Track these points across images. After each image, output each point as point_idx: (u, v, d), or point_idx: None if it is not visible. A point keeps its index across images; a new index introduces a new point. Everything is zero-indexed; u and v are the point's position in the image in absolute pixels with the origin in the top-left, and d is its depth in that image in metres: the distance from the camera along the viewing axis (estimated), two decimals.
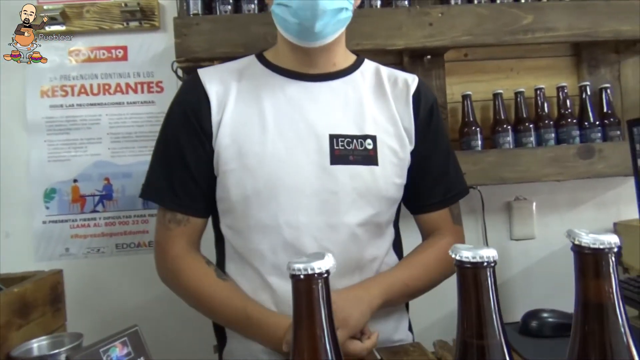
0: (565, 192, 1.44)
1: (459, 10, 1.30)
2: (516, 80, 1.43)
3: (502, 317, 0.33)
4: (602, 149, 1.31)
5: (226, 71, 0.90)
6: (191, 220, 0.86)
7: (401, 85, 0.91)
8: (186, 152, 0.84)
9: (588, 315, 0.33)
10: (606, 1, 1.33)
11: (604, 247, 0.32)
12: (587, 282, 0.33)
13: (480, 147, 1.32)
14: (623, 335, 0.32)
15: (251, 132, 0.83)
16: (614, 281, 0.32)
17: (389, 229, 0.92)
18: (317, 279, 0.33)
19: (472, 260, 0.32)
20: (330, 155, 0.82)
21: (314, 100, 0.85)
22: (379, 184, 0.84)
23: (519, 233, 1.43)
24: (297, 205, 0.81)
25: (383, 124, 0.87)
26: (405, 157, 0.88)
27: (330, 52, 0.87)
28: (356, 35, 1.27)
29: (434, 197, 0.92)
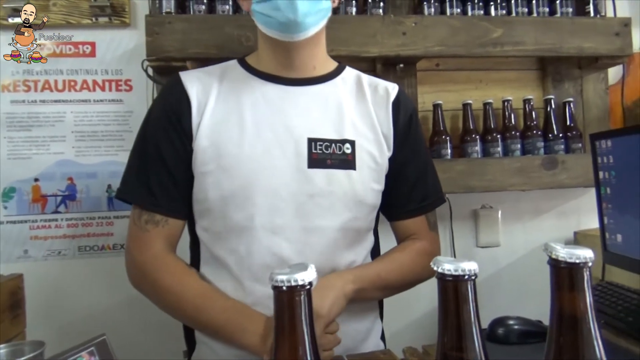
0: (529, 201, 1.48)
1: (432, 21, 1.32)
2: (485, 91, 1.46)
3: (481, 330, 0.34)
4: (565, 161, 1.36)
5: (207, 74, 0.90)
6: (170, 221, 0.84)
7: (382, 92, 0.92)
8: (166, 153, 0.83)
9: (563, 327, 0.34)
10: (570, 19, 1.39)
11: (579, 262, 0.33)
12: (563, 294, 0.34)
13: (449, 156, 1.35)
14: (596, 347, 0.33)
15: (229, 134, 0.82)
16: (588, 294, 0.33)
17: (368, 235, 0.92)
18: (299, 291, 0.33)
19: (453, 273, 0.33)
20: (308, 158, 0.83)
21: (293, 103, 0.86)
22: (356, 189, 0.85)
23: (484, 240, 1.47)
24: (274, 207, 0.81)
25: (362, 129, 0.88)
26: (383, 163, 0.89)
27: (310, 53, 0.87)
28: (331, 41, 1.27)
29: (411, 204, 0.93)
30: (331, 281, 0.80)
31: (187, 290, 0.80)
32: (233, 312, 0.78)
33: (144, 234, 0.83)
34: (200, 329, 0.85)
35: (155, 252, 0.83)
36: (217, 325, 0.79)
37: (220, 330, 0.79)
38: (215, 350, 0.83)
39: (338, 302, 0.78)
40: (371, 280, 0.85)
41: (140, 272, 0.84)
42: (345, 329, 0.80)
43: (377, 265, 0.88)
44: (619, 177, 0.98)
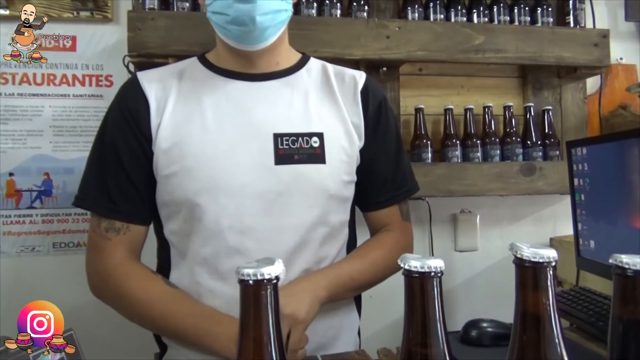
0: (506, 206, 1.50)
1: (416, 25, 1.34)
2: (466, 97, 1.48)
3: (446, 327, 0.34)
4: (543, 167, 1.38)
5: (166, 73, 0.87)
6: (131, 228, 0.82)
7: (348, 81, 0.90)
8: (124, 157, 0.81)
9: (526, 326, 0.34)
10: (551, 29, 1.42)
11: (543, 261, 0.34)
12: (527, 293, 0.34)
13: (430, 160, 1.36)
14: (557, 345, 0.34)
15: (191, 133, 0.80)
16: (551, 293, 0.34)
17: (342, 229, 0.89)
18: (266, 285, 0.33)
19: (420, 270, 0.33)
20: (275, 154, 0.81)
21: (256, 99, 0.84)
22: (326, 183, 0.83)
23: (463, 244, 1.48)
24: (241, 208, 0.79)
25: (330, 120, 0.86)
26: (354, 154, 0.87)
27: (272, 53, 0.86)
28: (315, 42, 1.28)
29: (384, 194, 0.92)
30: (305, 286, 0.79)
31: (153, 297, 0.78)
32: (201, 317, 0.76)
33: (105, 242, 0.81)
34: (169, 336, 0.83)
35: (118, 260, 0.80)
36: (185, 331, 0.77)
37: (189, 336, 0.77)
38: (185, 354, 0.81)
39: (313, 307, 0.77)
40: (343, 284, 0.83)
41: (103, 282, 0.81)
42: (316, 326, 0.79)
43: (350, 265, 0.86)
44: (592, 185, 1.00)
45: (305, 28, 1.27)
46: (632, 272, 0.36)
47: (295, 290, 0.77)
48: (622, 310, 0.36)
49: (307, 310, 0.75)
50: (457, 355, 0.80)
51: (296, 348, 0.73)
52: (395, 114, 1.40)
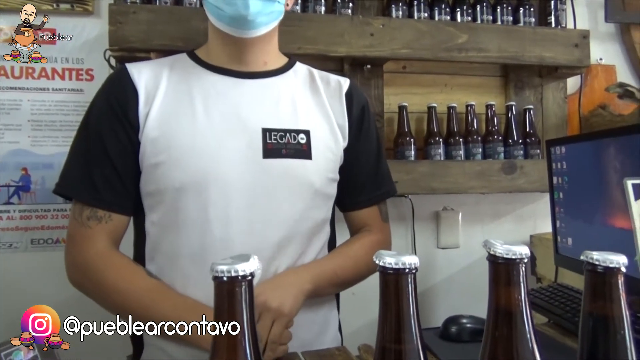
0: (488, 204, 1.52)
1: (400, 23, 1.34)
2: (449, 95, 1.49)
3: (420, 323, 0.34)
4: (523, 166, 1.40)
5: (156, 65, 0.88)
6: (113, 217, 0.81)
7: (334, 84, 0.94)
8: (110, 145, 0.81)
9: (498, 321, 0.35)
10: (532, 29, 1.43)
11: (515, 258, 0.34)
12: (499, 289, 0.35)
13: (413, 158, 1.37)
14: (529, 340, 0.34)
15: (180, 125, 0.81)
16: (523, 289, 0.34)
17: (324, 226, 0.91)
18: (240, 282, 0.33)
19: (394, 266, 0.33)
20: (263, 148, 0.82)
21: (245, 95, 0.85)
22: (312, 178, 0.85)
23: (445, 242, 1.50)
24: (228, 199, 0.80)
25: (316, 119, 0.89)
26: (338, 153, 0.90)
27: (262, 49, 0.88)
28: (299, 39, 1.28)
29: (364, 195, 0.95)
30: (290, 279, 0.80)
31: (134, 288, 0.78)
32: (184, 308, 0.76)
33: (86, 230, 0.80)
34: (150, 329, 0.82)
35: (99, 249, 0.80)
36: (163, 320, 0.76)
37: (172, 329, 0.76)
38: (166, 351, 0.81)
39: (298, 300, 0.78)
40: (328, 278, 0.85)
41: (82, 271, 0.80)
42: (300, 321, 0.80)
43: (334, 261, 0.88)
44: (571, 183, 1.02)
45: (289, 24, 1.26)
46: (602, 268, 0.36)
47: (280, 283, 0.78)
48: (592, 305, 0.37)
49: (292, 304, 0.76)
50: (436, 351, 0.82)
51: (277, 340, 0.73)
52: (379, 112, 1.41)
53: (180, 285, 0.80)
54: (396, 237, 1.47)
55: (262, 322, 0.73)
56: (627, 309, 0.37)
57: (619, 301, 0.37)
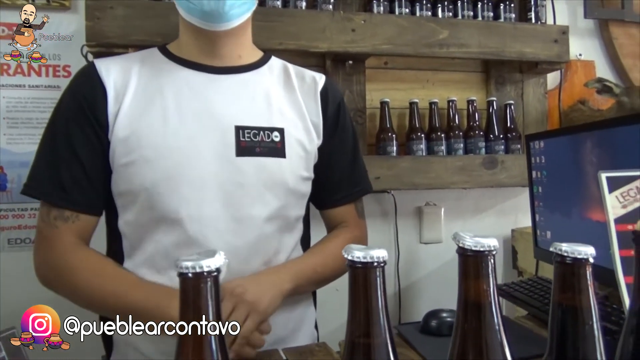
0: (470, 199, 1.53)
1: (381, 19, 1.34)
2: (431, 91, 1.50)
3: (389, 317, 0.34)
4: (504, 161, 1.41)
5: (125, 61, 0.85)
6: (81, 217, 0.80)
7: (309, 81, 0.93)
8: (77, 145, 0.79)
9: (468, 314, 0.35)
10: (513, 24, 1.45)
11: (484, 250, 0.34)
12: (469, 282, 0.35)
13: (395, 153, 1.37)
14: (497, 332, 0.34)
15: (151, 123, 0.80)
16: (492, 282, 0.34)
17: (298, 224, 0.91)
18: (206, 278, 0.32)
19: (362, 260, 0.33)
20: (236, 146, 0.81)
21: (219, 91, 0.84)
22: (285, 177, 0.84)
23: (427, 237, 1.50)
24: (201, 198, 0.79)
25: (291, 116, 0.88)
26: (312, 151, 0.89)
27: (236, 42, 0.86)
28: (280, 34, 1.27)
29: (340, 192, 0.95)
30: (271, 278, 0.80)
31: (106, 280, 0.77)
32: (160, 295, 0.73)
33: (53, 230, 0.79)
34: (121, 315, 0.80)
35: (66, 246, 0.78)
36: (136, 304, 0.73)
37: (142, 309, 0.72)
38: (139, 349, 0.80)
39: (275, 300, 0.78)
40: (307, 277, 0.85)
41: (52, 270, 0.79)
42: (276, 318, 0.79)
43: (313, 259, 0.88)
44: (549, 177, 1.03)
45: (270, 20, 1.26)
46: (571, 259, 0.37)
47: (261, 281, 0.78)
48: (561, 296, 0.37)
49: (269, 301, 0.76)
50: (416, 345, 0.82)
51: (247, 336, 0.72)
52: (361, 107, 1.41)
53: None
54: (379, 232, 1.48)
55: (236, 313, 0.72)
56: (595, 300, 0.37)
57: (587, 292, 0.37)
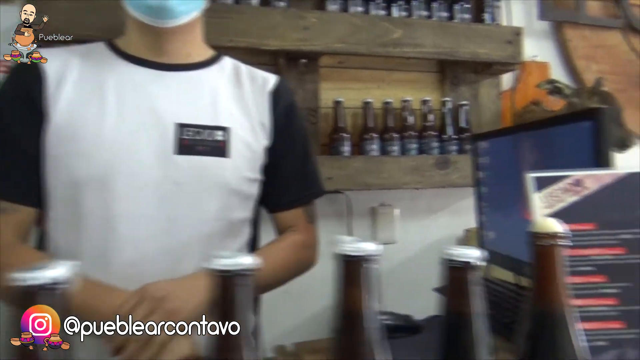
0: (424, 199, 1.53)
1: (334, 17, 1.33)
2: (386, 90, 1.49)
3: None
4: (457, 161, 1.41)
5: (67, 52, 0.83)
6: (20, 208, 0.77)
7: (260, 81, 0.91)
8: (16, 133, 0.77)
9: (344, 320, 0.34)
10: (467, 25, 1.45)
11: (361, 255, 0.33)
12: (346, 288, 0.34)
13: (348, 153, 1.36)
14: (371, 339, 0.33)
15: (88, 116, 0.77)
16: (369, 288, 0.33)
17: (243, 227, 0.89)
18: (39, 293, 0.30)
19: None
20: (176, 144, 0.80)
21: (163, 88, 0.82)
22: (227, 177, 0.83)
23: (382, 237, 1.49)
24: (135, 195, 0.77)
25: (238, 116, 0.86)
26: (259, 152, 0.88)
27: (184, 39, 0.84)
28: (230, 31, 1.24)
29: (289, 195, 0.93)
30: (199, 281, 0.74)
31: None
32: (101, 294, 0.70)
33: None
34: None
35: (2, 242, 0.75)
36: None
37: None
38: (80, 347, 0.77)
39: (200, 308, 0.72)
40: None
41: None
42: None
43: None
44: (493, 177, 1.03)
45: (219, 16, 1.23)
46: (461, 263, 0.36)
47: (188, 284, 0.74)
48: (452, 301, 0.37)
49: (192, 309, 0.71)
50: None
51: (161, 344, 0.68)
52: (315, 107, 1.40)
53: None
54: (332, 233, 1.44)
55: (138, 310, 0.67)
56: (483, 304, 0.37)
57: (475, 295, 0.36)
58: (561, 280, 0.36)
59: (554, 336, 0.36)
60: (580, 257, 0.62)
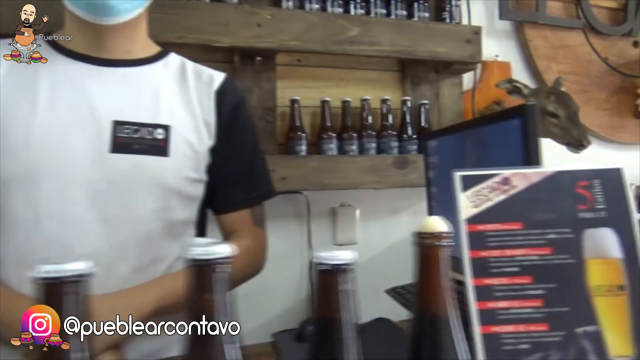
0: (385, 199, 1.51)
1: (289, 14, 1.30)
2: (346, 89, 1.47)
3: None
4: (416, 161, 1.39)
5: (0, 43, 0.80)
6: None
7: (206, 79, 0.89)
8: None
9: (195, 324, 0.31)
10: (425, 23, 1.44)
11: (212, 258, 0.31)
12: (195, 293, 0.31)
13: (305, 153, 1.34)
14: (224, 346, 0.31)
15: (18, 111, 0.74)
16: (220, 292, 0.31)
17: (186, 228, 0.86)
18: None
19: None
20: (112, 142, 0.77)
21: (101, 83, 0.80)
22: (166, 177, 0.80)
23: (342, 238, 1.47)
24: (65, 195, 0.74)
25: (180, 115, 0.84)
26: (202, 151, 0.85)
27: (125, 36, 0.82)
28: (180, 27, 1.21)
29: (234, 196, 0.90)
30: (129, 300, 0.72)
31: None
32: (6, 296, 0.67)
33: None
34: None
35: None
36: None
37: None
38: None
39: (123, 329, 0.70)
40: (179, 296, 0.75)
41: None
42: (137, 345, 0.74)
43: None
44: (441, 176, 1.01)
45: (168, 12, 1.20)
46: (329, 266, 0.34)
47: (116, 302, 0.70)
48: (321, 305, 0.34)
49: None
50: (286, 353, 0.78)
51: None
52: (271, 106, 1.37)
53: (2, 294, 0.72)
54: (292, 234, 1.44)
55: None
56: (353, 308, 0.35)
57: (344, 300, 0.34)
58: (444, 283, 0.34)
59: (435, 340, 0.34)
60: (506, 257, 0.61)
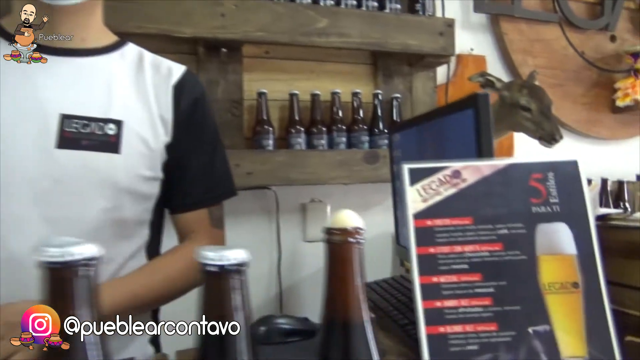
0: (357, 195, 1.47)
1: (254, 4, 1.26)
2: (316, 82, 1.43)
3: None
4: (386, 155, 1.36)
5: None
6: None
7: (164, 72, 0.84)
8: None
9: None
10: (397, 15, 1.40)
11: (72, 259, 0.27)
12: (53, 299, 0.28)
13: (272, 147, 1.30)
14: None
15: None
16: (82, 297, 0.27)
17: (139, 228, 0.82)
18: None
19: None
20: (58, 137, 0.73)
21: (50, 74, 0.75)
22: (117, 175, 0.76)
23: (312, 234, 1.44)
24: (7, 193, 0.70)
25: (134, 109, 0.79)
26: (157, 149, 0.81)
27: (78, 22, 0.77)
28: (138, 17, 1.17)
29: (191, 196, 0.86)
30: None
31: None
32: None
33: None
34: None
35: None
36: None
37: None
38: None
39: None
40: (121, 303, 0.72)
41: None
42: None
43: (135, 281, 0.77)
44: None
45: (126, 0, 1.15)
46: (216, 267, 0.30)
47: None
48: (208, 308, 0.31)
49: None
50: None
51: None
52: (237, 99, 1.33)
53: None
54: (260, 230, 1.40)
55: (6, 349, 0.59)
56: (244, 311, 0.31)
57: (232, 302, 0.30)
58: (355, 282, 0.31)
59: (345, 346, 0.31)
60: (455, 254, 0.58)
